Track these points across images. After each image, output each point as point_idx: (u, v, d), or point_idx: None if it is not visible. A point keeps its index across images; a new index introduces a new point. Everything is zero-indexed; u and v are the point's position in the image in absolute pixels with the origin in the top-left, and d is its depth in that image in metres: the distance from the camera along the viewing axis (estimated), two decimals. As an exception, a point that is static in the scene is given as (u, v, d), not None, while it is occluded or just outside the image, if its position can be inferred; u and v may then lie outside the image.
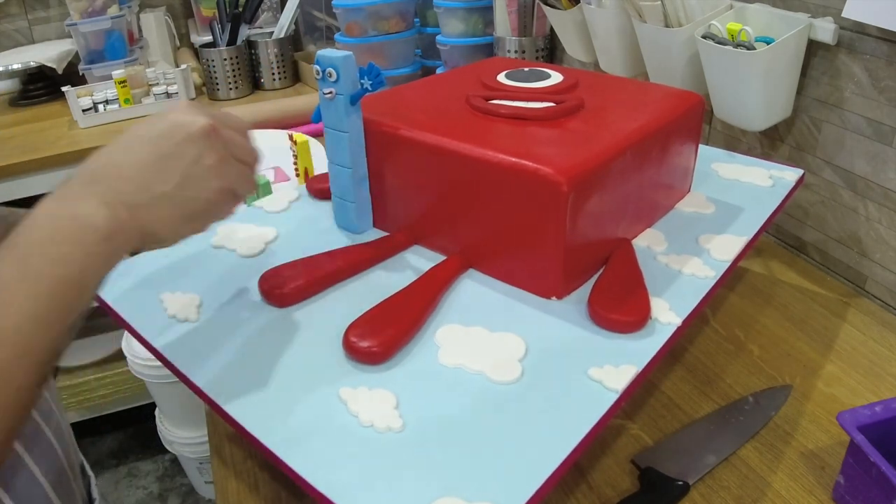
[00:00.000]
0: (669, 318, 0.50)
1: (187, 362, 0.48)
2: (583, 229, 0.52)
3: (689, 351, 0.67)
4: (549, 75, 0.66)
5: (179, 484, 1.67)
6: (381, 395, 0.44)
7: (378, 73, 0.55)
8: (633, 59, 0.97)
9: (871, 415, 0.48)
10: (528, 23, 1.24)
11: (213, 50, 1.59)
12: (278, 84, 1.70)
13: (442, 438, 0.41)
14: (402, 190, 0.60)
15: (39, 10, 1.79)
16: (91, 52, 1.61)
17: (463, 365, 0.46)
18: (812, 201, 0.82)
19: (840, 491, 0.50)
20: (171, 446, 1.46)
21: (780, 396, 0.60)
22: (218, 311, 0.53)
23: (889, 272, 0.74)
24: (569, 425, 0.41)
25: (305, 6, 1.80)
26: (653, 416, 0.59)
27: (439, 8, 1.33)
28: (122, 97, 1.51)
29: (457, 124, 0.57)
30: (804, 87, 0.79)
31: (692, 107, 0.62)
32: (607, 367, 0.45)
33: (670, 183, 0.64)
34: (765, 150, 0.87)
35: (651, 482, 0.52)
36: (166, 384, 1.37)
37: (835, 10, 0.72)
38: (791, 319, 0.71)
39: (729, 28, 0.77)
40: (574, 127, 0.57)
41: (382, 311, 0.50)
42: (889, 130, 0.70)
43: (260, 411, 0.43)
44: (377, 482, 0.38)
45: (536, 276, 0.53)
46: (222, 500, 0.54)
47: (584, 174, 0.50)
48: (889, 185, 0.72)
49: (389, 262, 0.59)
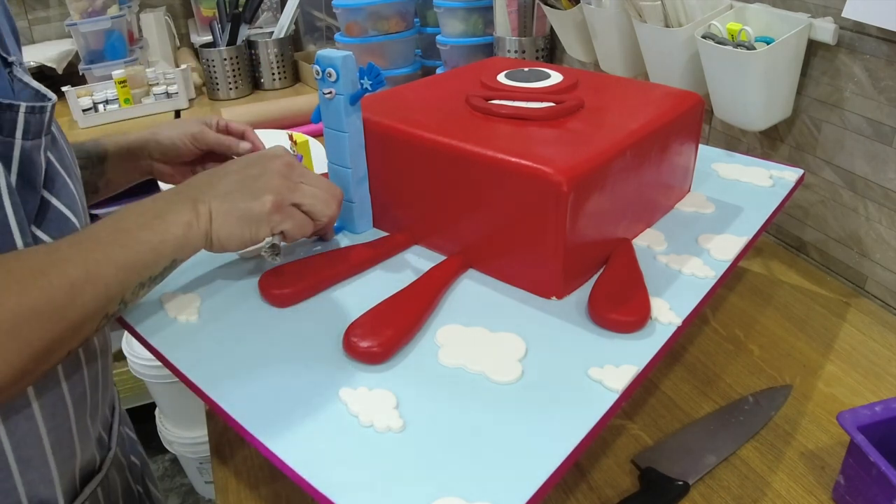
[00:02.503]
0: (669, 318, 0.50)
1: (187, 362, 0.48)
2: (583, 229, 0.52)
3: (689, 351, 0.67)
4: (549, 75, 0.66)
5: (179, 484, 1.67)
6: (382, 395, 0.44)
7: (378, 73, 0.55)
8: (633, 59, 0.97)
9: (871, 415, 0.48)
10: (528, 23, 1.24)
11: (213, 50, 1.59)
12: (278, 84, 1.70)
13: (442, 438, 0.41)
14: (402, 190, 0.60)
15: (39, 10, 1.79)
16: (91, 52, 1.61)
17: (463, 365, 0.46)
18: (812, 201, 0.82)
19: (840, 491, 0.50)
20: (171, 446, 1.46)
21: (780, 396, 0.60)
22: (218, 311, 0.53)
23: (889, 272, 0.74)
24: (569, 425, 0.41)
25: (305, 6, 1.81)
26: (653, 416, 0.59)
27: (439, 8, 1.33)
28: (122, 97, 1.51)
29: (457, 124, 0.57)
30: (804, 87, 0.79)
31: (692, 107, 0.62)
32: (607, 367, 0.45)
33: (670, 183, 0.64)
34: (765, 150, 0.87)
35: (651, 482, 0.52)
36: (166, 384, 1.37)
37: (835, 10, 0.72)
38: (791, 319, 0.71)
39: (729, 28, 0.77)
40: (574, 127, 0.57)
41: (382, 311, 0.50)
42: (889, 130, 0.70)
43: (260, 411, 0.43)
44: (377, 482, 0.38)
45: (536, 276, 0.53)
46: (222, 500, 0.54)
47: (584, 174, 0.50)
48: (889, 185, 0.72)
49: (389, 262, 0.59)
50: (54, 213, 0.46)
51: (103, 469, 0.55)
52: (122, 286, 0.43)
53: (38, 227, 0.44)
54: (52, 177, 0.46)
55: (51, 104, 0.44)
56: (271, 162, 0.52)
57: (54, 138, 0.48)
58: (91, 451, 0.53)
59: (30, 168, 0.43)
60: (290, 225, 0.51)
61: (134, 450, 0.66)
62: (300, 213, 0.52)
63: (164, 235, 0.45)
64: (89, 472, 0.54)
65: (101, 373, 0.53)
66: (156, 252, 0.45)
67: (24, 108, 0.42)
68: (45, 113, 0.44)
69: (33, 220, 0.44)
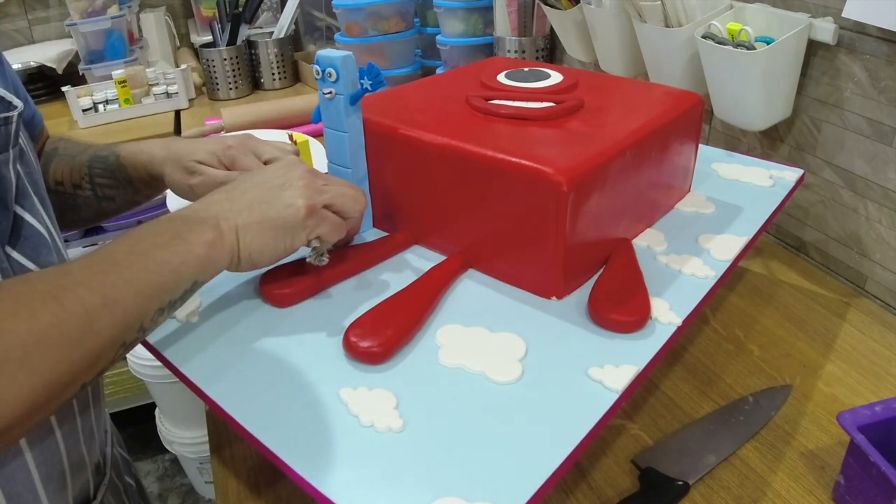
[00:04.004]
0: (669, 318, 0.50)
1: (187, 362, 0.48)
2: (583, 229, 0.52)
3: (689, 351, 0.67)
4: (549, 75, 0.66)
5: (179, 484, 1.67)
6: (382, 395, 0.44)
7: (378, 73, 0.55)
8: (633, 59, 0.97)
9: (871, 415, 0.48)
10: (528, 23, 1.24)
11: (213, 50, 1.59)
12: (278, 84, 1.70)
13: (442, 438, 0.41)
14: (401, 190, 0.60)
15: (39, 10, 1.79)
16: (91, 52, 1.61)
17: (463, 365, 0.46)
18: (812, 201, 0.82)
19: (840, 491, 0.50)
20: (171, 446, 1.46)
21: (780, 396, 0.60)
22: (218, 312, 0.53)
23: (889, 272, 0.74)
24: (569, 425, 0.41)
25: (305, 6, 1.80)
26: (653, 416, 0.59)
27: (439, 8, 1.33)
28: (122, 97, 1.51)
29: (457, 124, 0.57)
30: (804, 87, 0.79)
31: (692, 107, 0.62)
32: (607, 367, 0.45)
33: (670, 183, 0.64)
34: (765, 150, 0.87)
35: (651, 482, 0.52)
36: (166, 384, 1.37)
37: (835, 10, 0.72)
38: (791, 319, 0.71)
39: (729, 28, 0.77)
40: (574, 127, 0.57)
41: (382, 311, 0.50)
42: (889, 130, 0.70)
43: (260, 411, 0.43)
44: (377, 482, 0.38)
45: (536, 276, 0.53)
46: (222, 500, 0.54)
47: (583, 174, 0.50)
48: (889, 185, 0.72)
49: (389, 262, 0.59)
50: (29, 231, 0.43)
51: (98, 496, 0.53)
52: (140, 312, 0.39)
53: (12, 247, 0.41)
54: (23, 191, 0.43)
55: (16, 113, 0.41)
56: (292, 169, 0.50)
57: (22, 149, 0.44)
58: (85, 478, 0.51)
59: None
60: (326, 228, 0.50)
61: (128, 470, 0.64)
62: (332, 215, 0.50)
63: (186, 256, 0.42)
64: (83, 500, 0.51)
65: (91, 395, 0.51)
66: (176, 274, 0.42)
67: None
68: (11, 124, 0.40)
69: (6, 241, 0.41)
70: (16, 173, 0.42)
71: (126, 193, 0.63)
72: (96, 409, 0.52)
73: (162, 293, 0.41)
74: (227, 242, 0.45)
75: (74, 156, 0.63)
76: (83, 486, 0.51)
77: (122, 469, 0.61)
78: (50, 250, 0.46)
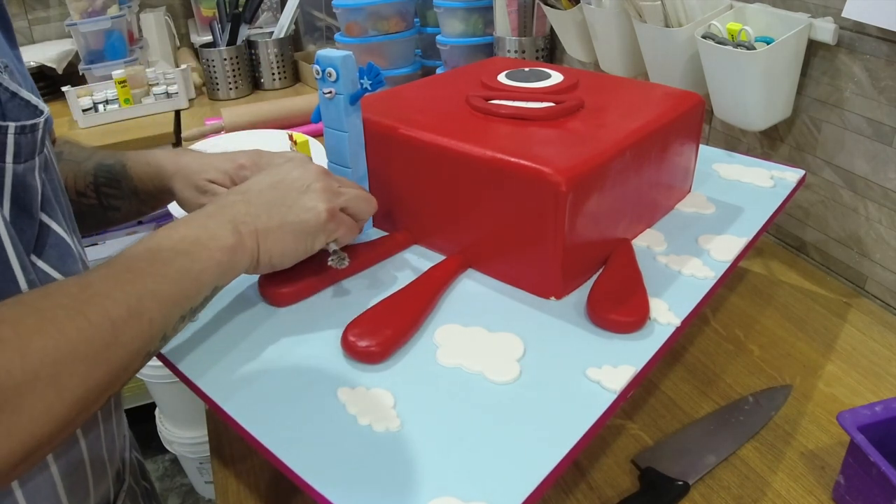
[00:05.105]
0: (668, 319, 0.50)
1: (187, 362, 0.48)
2: (582, 229, 0.52)
3: (689, 351, 0.67)
4: (549, 75, 0.66)
5: (179, 484, 1.67)
6: (380, 394, 0.44)
7: (378, 73, 0.55)
8: (633, 59, 0.97)
9: (871, 415, 0.48)
10: (528, 23, 1.24)
11: (213, 50, 1.59)
12: (278, 84, 1.70)
13: (439, 438, 0.40)
14: (401, 190, 0.60)
15: (39, 10, 1.79)
16: (91, 52, 1.61)
17: (461, 365, 0.46)
18: (812, 201, 0.82)
19: (840, 491, 0.50)
20: (171, 446, 1.47)
21: (780, 396, 0.60)
22: (218, 311, 0.53)
23: (889, 272, 0.74)
24: (566, 425, 0.41)
25: (305, 6, 1.80)
26: (653, 416, 0.59)
27: (439, 8, 1.33)
28: (122, 97, 1.51)
29: (457, 124, 0.57)
30: (804, 87, 0.79)
31: (692, 107, 0.62)
32: (606, 368, 0.45)
33: (670, 183, 0.64)
34: (765, 150, 0.87)
35: (651, 482, 0.52)
36: (166, 384, 1.37)
37: (835, 10, 0.72)
38: (791, 319, 0.71)
39: (729, 28, 0.77)
40: (574, 127, 0.57)
41: (381, 310, 0.50)
42: (889, 130, 0.70)
43: (259, 411, 0.43)
44: (375, 482, 0.38)
45: (535, 276, 0.53)
46: (222, 500, 0.54)
47: (583, 174, 0.50)
48: (889, 185, 0.72)
49: (389, 261, 0.59)
50: (54, 239, 0.43)
51: (118, 502, 0.53)
52: (165, 321, 0.39)
53: (38, 256, 0.41)
54: (48, 199, 0.43)
55: (43, 120, 0.40)
56: (307, 171, 0.50)
57: (46, 157, 0.43)
58: (106, 486, 0.51)
59: (24, 193, 0.39)
60: (344, 231, 0.50)
61: (143, 474, 0.63)
62: (348, 217, 0.51)
63: (207, 263, 0.42)
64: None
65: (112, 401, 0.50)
66: (198, 281, 0.41)
67: (13, 128, 0.38)
68: (38, 131, 0.40)
69: (32, 249, 0.40)
70: (41, 181, 0.42)
71: (132, 203, 0.63)
72: (117, 414, 0.52)
73: (184, 301, 0.40)
74: (247, 247, 0.45)
75: (79, 162, 0.62)
76: (104, 493, 0.51)
77: (138, 473, 0.61)
78: (75, 259, 0.45)
